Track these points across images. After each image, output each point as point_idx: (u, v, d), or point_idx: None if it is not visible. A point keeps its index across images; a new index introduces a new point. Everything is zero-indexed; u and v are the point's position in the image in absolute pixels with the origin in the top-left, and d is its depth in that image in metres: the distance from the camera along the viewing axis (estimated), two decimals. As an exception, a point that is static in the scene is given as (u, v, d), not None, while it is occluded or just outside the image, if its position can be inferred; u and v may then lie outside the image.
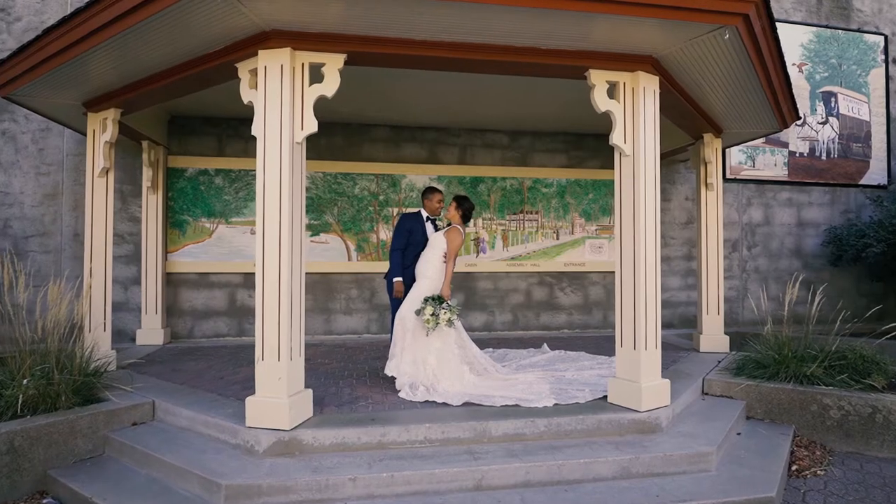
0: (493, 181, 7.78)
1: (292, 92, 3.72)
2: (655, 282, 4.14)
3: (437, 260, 4.81)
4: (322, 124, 7.58)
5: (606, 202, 8.07)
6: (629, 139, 4.12)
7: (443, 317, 4.45)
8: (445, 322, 4.47)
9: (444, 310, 4.48)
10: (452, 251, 4.82)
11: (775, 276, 8.83)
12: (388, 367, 4.66)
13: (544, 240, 7.91)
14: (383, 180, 7.51)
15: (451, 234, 4.85)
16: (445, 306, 4.52)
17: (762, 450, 4.10)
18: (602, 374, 5.16)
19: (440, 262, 4.82)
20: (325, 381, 4.97)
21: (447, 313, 4.47)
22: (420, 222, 5.08)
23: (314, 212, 7.34)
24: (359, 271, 7.41)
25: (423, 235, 5.04)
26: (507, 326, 7.84)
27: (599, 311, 8.09)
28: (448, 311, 4.48)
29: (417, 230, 5.04)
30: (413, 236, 5.01)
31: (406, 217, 5.16)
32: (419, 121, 7.38)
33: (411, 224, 5.06)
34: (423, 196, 5.23)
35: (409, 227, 5.02)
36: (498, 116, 7.17)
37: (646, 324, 4.07)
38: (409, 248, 4.99)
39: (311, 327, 7.36)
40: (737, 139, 6.82)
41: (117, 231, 7.11)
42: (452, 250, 4.82)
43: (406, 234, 4.98)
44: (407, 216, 5.17)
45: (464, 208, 4.95)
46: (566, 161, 8.03)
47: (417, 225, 5.07)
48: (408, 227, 5.02)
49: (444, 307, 4.51)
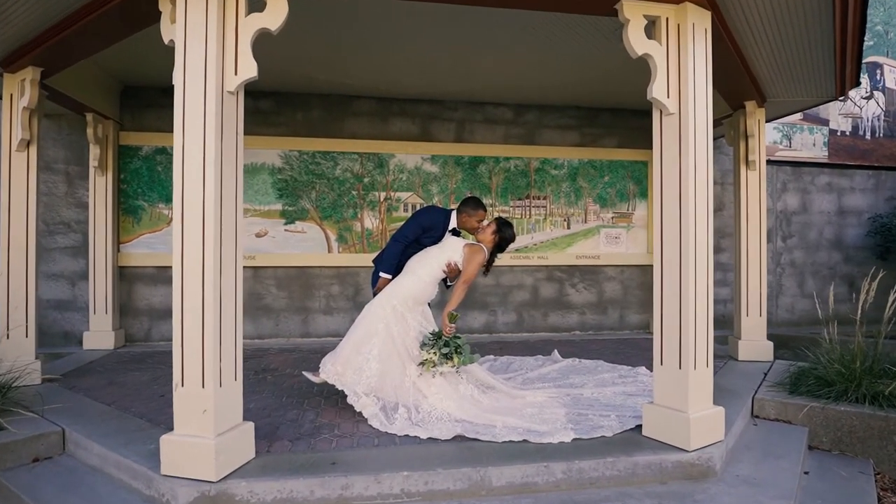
0: (496, 162, 6.81)
1: (222, 23, 2.75)
2: (707, 281, 3.18)
3: (437, 268, 3.83)
4: (296, 95, 6.73)
5: (624, 186, 7.08)
6: (674, 92, 3.14)
7: (446, 367, 3.55)
8: (450, 368, 3.56)
9: (446, 353, 3.56)
10: (468, 273, 3.79)
11: (812, 270, 7.85)
12: (335, 376, 3.64)
13: (553, 229, 6.95)
14: (368, 160, 6.54)
15: (474, 252, 3.84)
16: (448, 346, 3.57)
17: (844, 498, 3.14)
18: (628, 391, 4.21)
19: (439, 273, 3.84)
20: (286, 400, 4.02)
21: (456, 358, 3.54)
22: (444, 225, 4.05)
23: (289, 197, 6.39)
24: (341, 265, 6.47)
25: (437, 242, 4.05)
26: (511, 328, 6.89)
27: (616, 310, 7.13)
28: (457, 356, 3.55)
29: (436, 232, 4.01)
30: (427, 236, 4.00)
31: (430, 211, 4.15)
32: (410, 91, 6.40)
33: (433, 221, 4.02)
34: (461, 208, 4.04)
35: (430, 224, 4.00)
36: (500, 86, 6.18)
37: (695, 335, 3.11)
38: (412, 248, 3.99)
39: (285, 329, 6.43)
40: (780, 110, 5.83)
41: (63, 218, 6.19)
42: (468, 273, 3.79)
43: (420, 229, 3.96)
44: (432, 210, 4.17)
45: (502, 236, 3.95)
46: (579, 139, 7.04)
47: (439, 226, 4.03)
48: (427, 224, 3.99)
49: (447, 348, 3.56)
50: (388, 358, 3.63)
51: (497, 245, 3.94)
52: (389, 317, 3.67)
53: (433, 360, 3.54)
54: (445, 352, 3.53)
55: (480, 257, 3.81)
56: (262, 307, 6.39)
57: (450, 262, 3.80)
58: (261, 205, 6.35)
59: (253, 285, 6.37)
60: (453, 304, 3.70)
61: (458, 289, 3.77)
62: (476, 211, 4.02)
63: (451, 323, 3.63)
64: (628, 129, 7.04)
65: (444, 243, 3.94)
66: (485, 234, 3.94)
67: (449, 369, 3.58)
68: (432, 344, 3.57)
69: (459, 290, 3.76)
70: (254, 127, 6.34)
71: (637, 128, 7.00)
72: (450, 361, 3.55)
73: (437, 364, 3.54)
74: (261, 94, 6.35)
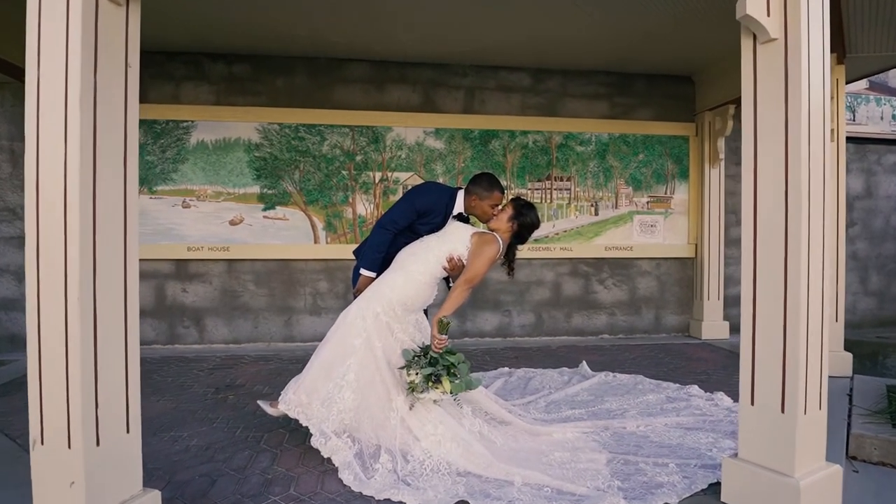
0: (511, 136, 5.82)
1: None
2: (824, 286, 2.19)
3: (435, 263, 2.85)
4: (278, 59, 5.49)
5: (662, 165, 6.06)
6: (776, 7, 2.14)
7: (434, 394, 2.60)
8: (441, 394, 2.61)
9: (431, 375, 2.61)
10: (473, 270, 2.79)
11: (878, 263, 6.80)
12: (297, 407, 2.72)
13: (579, 216, 5.96)
14: (361, 134, 5.58)
15: (484, 243, 2.84)
16: (434, 366, 2.62)
17: None
18: (684, 423, 3.26)
19: (438, 270, 2.87)
20: (240, 434, 3.11)
21: (446, 383, 2.58)
22: (447, 209, 3.04)
23: (268, 178, 5.46)
24: (329, 257, 5.54)
25: (437, 230, 3.07)
26: (528, 331, 5.93)
27: (650, 309, 6.14)
28: (447, 379, 2.60)
29: (436, 218, 3.03)
30: (423, 223, 3.02)
31: (428, 190, 3.12)
32: (410, 53, 5.44)
33: (433, 203, 3.01)
34: (470, 188, 3.02)
35: (427, 207, 2.99)
36: (517, 46, 5.20)
37: (807, 363, 2.13)
38: (404, 237, 3.02)
39: (265, 332, 5.54)
40: (861, 70, 4.79)
41: (7, 204, 5.34)
42: (474, 269, 2.79)
43: (414, 213, 2.98)
44: (431, 189, 3.14)
45: (522, 222, 2.93)
46: (608, 110, 6.02)
47: (440, 209, 3.03)
48: (424, 206, 2.99)
49: (431, 367, 2.61)
50: (368, 385, 2.69)
51: (516, 234, 2.97)
52: (370, 329, 2.72)
53: (414, 381, 2.60)
54: (428, 373, 2.58)
55: (492, 250, 2.83)
56: (239, 307, 5.50)
57: (452, 256, 2.85)
58: (235, 187, 5.43)
59: (227, 281, 5.47)
60: (448, 308, 2.73)
61: (457, 290, 2.77)
62: (490, 192, 2.98)
63: (440, 333, 2.67)
64: (667, 99, 6.01)
65: (445, 231, 2.98)
66: (499, 220, 2.94)
67: (438, 396, 2.63)
68: (413, 362, 2.63)
69: (458, 291, 2.77)
70: (226, 96, 5.44)
71: (678, 97, 5.97)
72: (438, 387, 2.60)
73: (418, 389, 2.60)
74: (234, 58, 5.42)
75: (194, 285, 5.44)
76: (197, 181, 5.38)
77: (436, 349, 2.65)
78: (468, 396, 2.88)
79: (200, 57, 5.40)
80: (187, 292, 5.44)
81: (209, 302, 5.45)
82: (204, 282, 5.45)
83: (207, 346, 5.44)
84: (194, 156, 5.36)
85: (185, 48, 5.32)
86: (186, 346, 5.40)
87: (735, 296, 6.34)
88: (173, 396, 3.84)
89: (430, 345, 2.70)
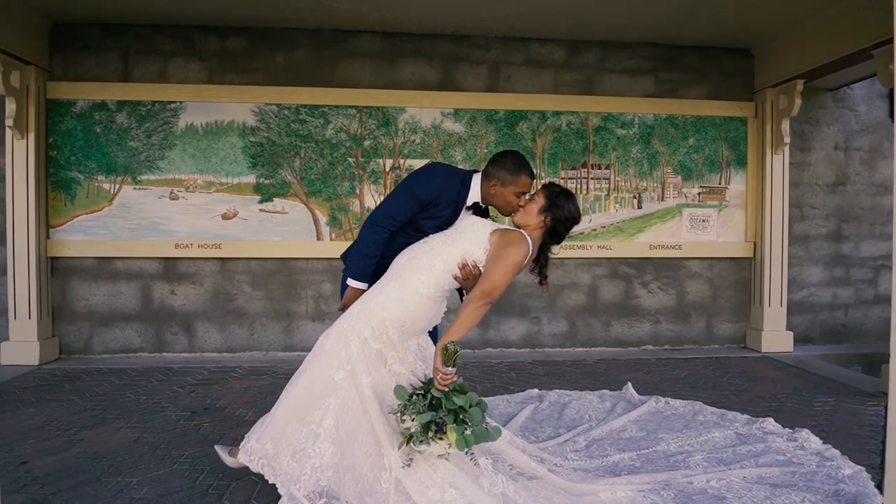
0: (542, 117, 5.10)
1: None
2: None
3: (443, 270, 2.16)
4: (277, 32, 4.76)
5: (716, 151, 5.27)
6: None
7: (437, 447, 1.92)
8: (446, 447, 1.92)
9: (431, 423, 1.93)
10: (493, 280, 2.07)
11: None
12: (261, 458, 2.09)
13: (619, 209, 5.21)
14: (370, 116, 4.93)
15: (509, 243, 2.14)
16: (436, 409, 1.94)
17: None
18: (766, 475, 2.55)
19: (447, 279, 2.17)
20: (201, 482, 2.48)
21: (451, 434, 1.90)
22: (460, 197, 2.38)
23: (265, 166, 4.86)
24: (333, 256, 4.90)
25: (446, 226, 2.38)
26: (560, 341, 5.22)
27: (701, 317, 5.36)
28: (452, 428, 1.91)
29: (444, 210, 2.36)
30: (428, 217, 2.34)
31: (434, 173, 2.45)
32: (426, 23, 4.78)
33: (440, 190, 2.34)
34: (489, 170, 2.34)
35: (432, 197, 2.32)
36: (549, 14, 4.49)
37: None
38: (404, 236, 2.34)
39: (263, 340, 4.95)
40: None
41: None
42: (494, 278, 2.07)
43: (416, 205, 2.31)
44: (437, 172, 2.48)
45: (558, 215, 2.22)
46: (654, 87, 5.25)
47: (450, 199, 2.36)
48: (428, 195, 2.32)
49: (431, 412, 1.94)
50: (352, 435, 2.03)
51: (550, 231, 2.24)
52: (356, 359, 2.05)
53: (409, 430, 1.93)
54: (427, 420, 1.90)
55: (518, 254, 2.10)
56: (233, 311, 4.91)
57: (465, 262, 2.14)
58: (228, 176, 4.84)
59: (220, 282, 4.89)
60: (457, 332, 2.02)
61: (470, 306, 2.05)
62: (516, 176, 2.26)
63: (446, 365, 1.97)
64: (722, 75, 5.22)
65: (457, 228, 2.29)
66: (527, 213, 2.23)
67: (444, 450, 1.94)
68: (410, 404, 1.95)
69: (472, 307, 2.04)
70: (219, 74, 4.86)
71: (734, 72, 5.18)
72: (442, 437, 1.91)
73: (416, 440, 1.92)
74: (229, 31, 4.83)
75: (183, 287, 4.87)
76: (186, 170, 4.81)
77: (439, 386, 1.96)
78: (487, 446, 2.19)
79: (190, 30, 4.81)
80: (176, 295, 4.87)
81: (200, 306, 4.88)
82: (194, 283, 4.88)
83: (198, 354, 4.87)
84: (183, 141, 4.79)
85: (173, 20, 4.74)
86: (174, 356, 4.84)
87: (800, 301, 5.53)
88: (139, 423, 3.25)
89: (432, 379, 2.01)
